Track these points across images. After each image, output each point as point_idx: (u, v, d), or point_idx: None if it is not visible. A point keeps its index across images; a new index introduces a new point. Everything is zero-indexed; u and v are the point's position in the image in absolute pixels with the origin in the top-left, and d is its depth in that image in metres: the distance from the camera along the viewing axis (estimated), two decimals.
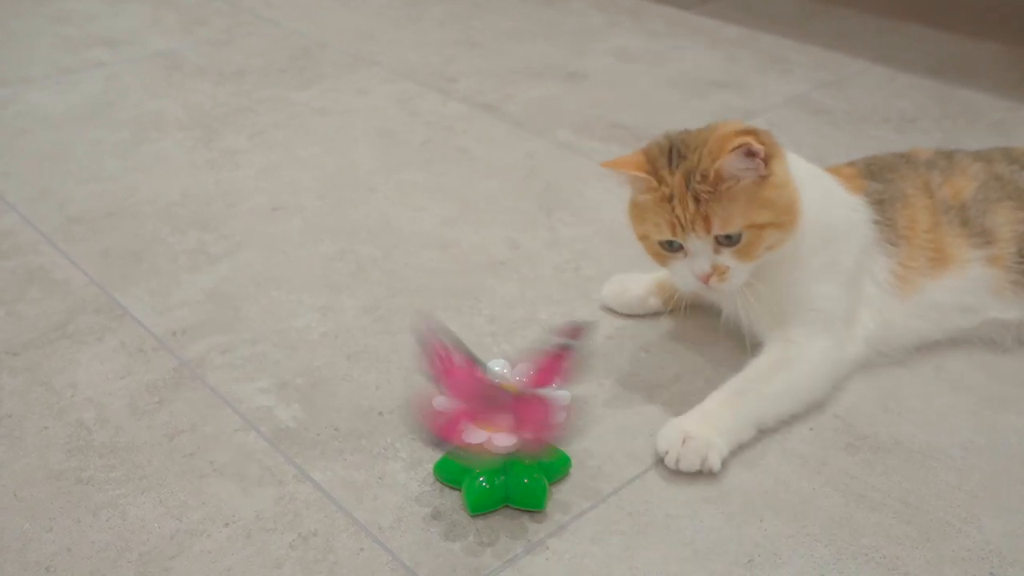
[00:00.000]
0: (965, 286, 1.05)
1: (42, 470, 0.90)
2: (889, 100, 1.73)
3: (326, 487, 0.89)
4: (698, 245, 0.95)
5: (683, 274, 0.97)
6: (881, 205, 1.05)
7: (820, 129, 1.61)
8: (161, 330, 1.10)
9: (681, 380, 1.03)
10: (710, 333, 1.09)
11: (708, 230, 0.93)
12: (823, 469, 0.92)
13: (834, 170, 1.09)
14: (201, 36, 2.01)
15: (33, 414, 0.97)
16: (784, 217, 0.94)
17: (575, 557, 0.82)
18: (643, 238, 1.00)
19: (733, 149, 0.90)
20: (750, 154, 0.91)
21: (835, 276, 1.01)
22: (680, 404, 0.99)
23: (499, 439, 0.82)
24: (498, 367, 0.90)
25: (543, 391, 0.84)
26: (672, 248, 0.97)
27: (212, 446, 0.93)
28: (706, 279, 0.95)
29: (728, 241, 0.94)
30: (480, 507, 0.85)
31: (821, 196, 1.01)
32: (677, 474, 0.90)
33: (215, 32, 2.03)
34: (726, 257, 0.95)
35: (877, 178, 1.07)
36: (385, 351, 1.07)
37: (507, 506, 0.86)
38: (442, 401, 0.83)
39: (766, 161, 0.92)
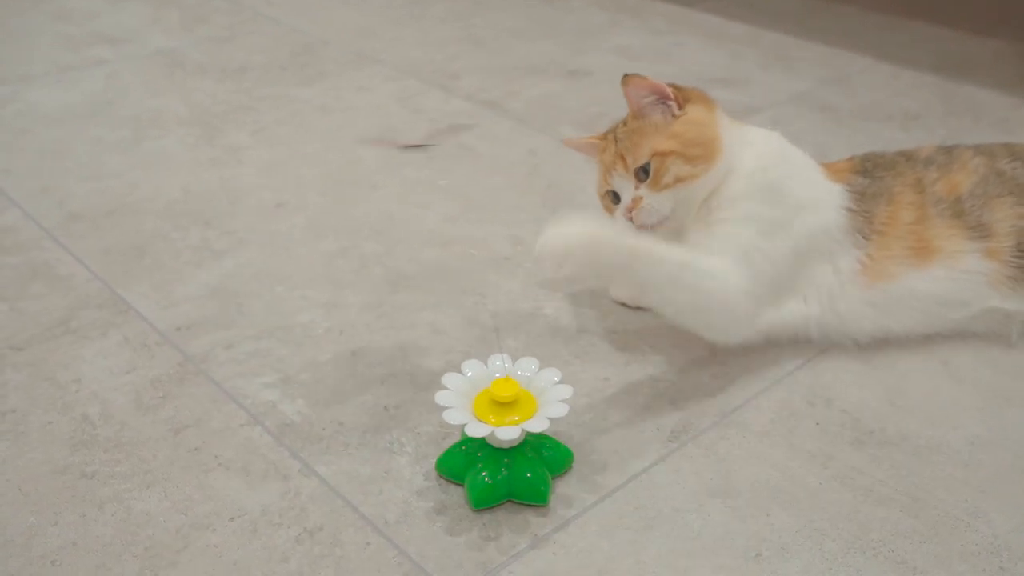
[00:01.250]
0: (955, 277, 1.04)
1: (47, 465, 0.90)
2: (893, 97, 1.73)
3: (331, 481, 0.88)
4: (622, 184, 1.05)
5: (618, 219, 1.05)
6: (861, 197, 1.06)
7: (824, 126, 1.61)
8: (165, 325, 1.09)
9: (685, 375, 1.03)
10: None
11: (626, 167, 1.04)
12: (830, 463, 0.91)
13: (830, 165, 1.10)
14: (202, 34, 2.01)
15: (37, 409, 0.96)
16: (692, 150, 1.02)
17: (581, 551, 0.82)
18: (599, 199, 1.11)
19: (635, 80, 1.04)
20: (659, 94, 1.04)
21: (778, 238, 1.01)
22: (685, 399, 0.99)
23: (502, 432, 0.81)
24: (499, 362, 0.90)
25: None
26: (615, 201, 1.07)
27: (217, 441, 0.93)
28: (628, 213, 1.03)
29: (644, 175, 1.03)
30: (483, 502, 0.85)
31: (778, 163, 1.05)
32: (683, 468, 0.90)
33: (216, 30, 2.03)
34: (642, 190, 1.03)
35: (868, 175, 1.08)
36: (390, 346, 1.07)
37: (510, 500, 0.86)
38: None
39: (679, 104, 1.04)
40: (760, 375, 1.03)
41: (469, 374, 0.89)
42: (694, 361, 1.05)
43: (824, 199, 1.04)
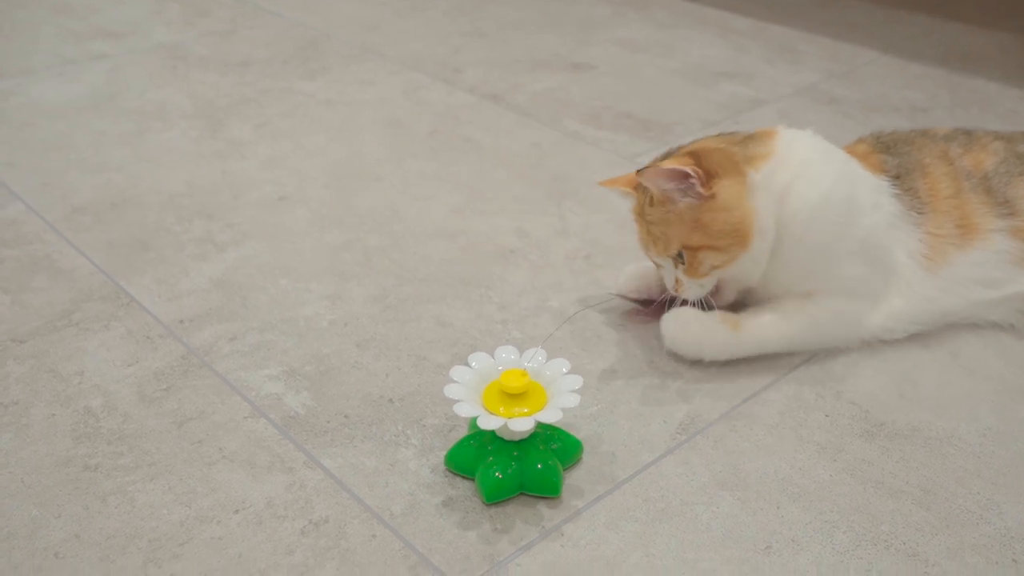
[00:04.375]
0: (990, 259, 1.04)
1: (50, 457, 0.89)
2: (900, 90, 1.72)
3: (337, 474, 0.88)
4: (661, 260, 1.01)
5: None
6: (899, 178, 1.05)
7: (831, 118, 1.60)
8: (168, 318, 1.09)
9: (694, 367, 1.02)
10: None
11: (658, 251, 1.00)
12: (839, 456, 0.90)
13: (848, 149, 1.08)
14: (204, 27, 2.00)
15: (40, 401, 0.96)
16: (722, 241, 0.96)
17: (591, 543, 0.81)
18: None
19: (649, 173, 0.95)
20: (681, 177, 0.94)
21: (859, 255, 1.00)
22: (693, 391, 0.98)
23: (516, 424, 0.81)
24: (505, 354, 0.89)
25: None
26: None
27: (221, 433, 0.92)
28: (674, 291, 1.02)
29: (681, 260, 0.98)
30: (495, 496, 0.84)
31: (837, 180, 1.00)
32: (692, 460, 0.89)
33: (218, 23, 2.02)
34: (680, 273, 1.00)
35: (891, 151, 1.07)
36: (395, 339, 1.06)
37: (522, 493, 0.85)
38: None
39: (707, 184, 0.95)
40: (769, 367, 1.02)
41: (476, 366, 0.88)
42: None
43: (877, 197, 1.02)
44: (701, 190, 0.95)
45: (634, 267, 1.12)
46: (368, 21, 2.05)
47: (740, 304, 1.06)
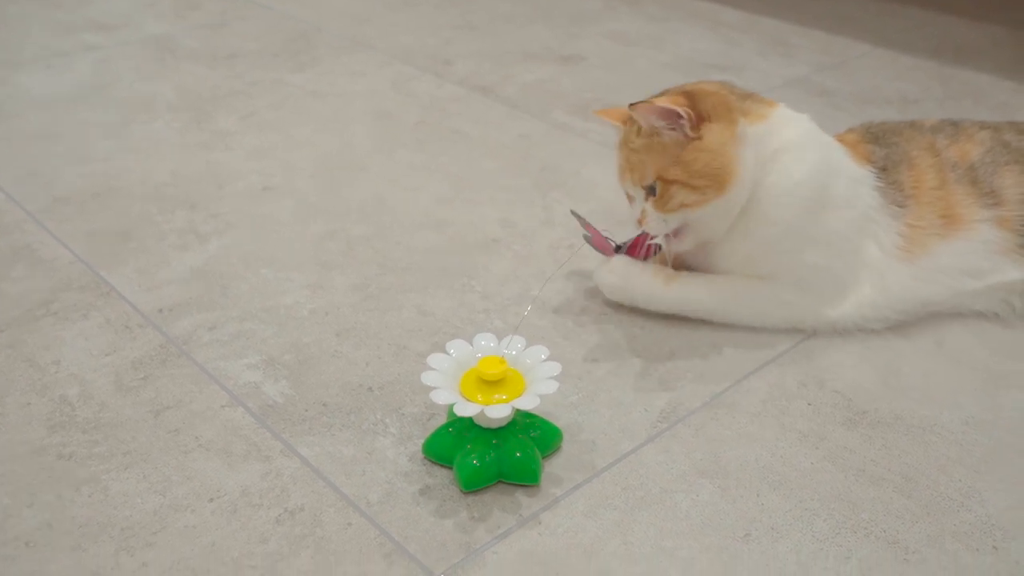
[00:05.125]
0: (975, 248, 1.03)
1: (23, 446, 0.88)
2: (891, 82, 1.71)
3: (313, 462, 0.87)
4: (633, 190, 1.02)
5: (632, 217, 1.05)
6: (886, 170, 1.04)
7: (822, 110, 1.59)
8: (148, 307, 1.08)
9: (676, 356, 1.01)
10: None
11: (633, 180, 1.01)
12: (821, 444, 0.90)
13: (838, 137, 1.08)
14: (195, 20, 1.99)
15: (15, 391, 0.95)
16: (699, 181, 0.96)
17: (568, 531, 0.80)
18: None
19: (641, 108, 0.96)
20: (673, 116, 0.95)
21: (828, 244, 1.00)
22: (675, 379, 0.98)
23: (492, 410, 0.80)
24: (483, 341, 0.88)
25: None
26: (630, 199, 1.05)
27: (198, 422, 0.91)
28: (638, 223, 1.03)
29: (652, 192, 0.99)
30: (473, 484, 0.83)
31: (818, 168, 1.00)
32: (672, 448, 0.89)
33: (209, 16, 2.01)
34: (649, 205, 1.00)
35: (880, 142, 1.06)
36: (375, 328, 1.05)
37: (500, 481, 0.84)
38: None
39: (696, 125, 0.96)
40: (752, 356, 1.01)
41: (454, 353, 0.88)
42: (684, 341, 1.03)
43: (859, 189, 1.02)
44: (689, 132, 0.96)
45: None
46: (359, 14, 2.04)
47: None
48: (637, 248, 1.08)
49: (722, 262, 1.04)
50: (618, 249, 1.09)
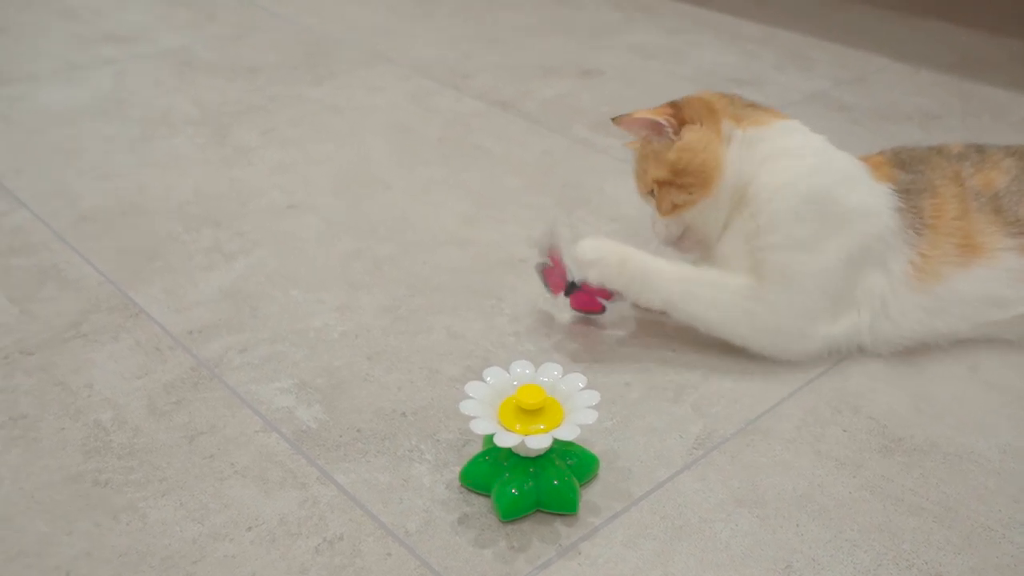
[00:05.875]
0: (998, 276, 1.03)
1: (60, 472, 0.88)
2: (911, 97, 1.71)
3: (350, 490, 0.87)
4: (643, 199, 1.09)
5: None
6: (908, 194, 1.03)
7: (842, 126, 1.59)
8: (177, 329, 1.08)
9: (709, 380, 1.01)
10: None
11: (639, 189, 1.09)
12: (858, 472, 0.89)
13: (864, 158, 1.08)
14: (211, 32, 1.99)
15: (49, 415, 0.95)
16: (684, 179, 1.02)
17: (608, 562, 0.80)
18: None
19: (624, 121, 1.04)
20: (651, 125, 1.03)
21: (823, 254, 0.99)
22: (708, 405, 0.97)
23: (533, 441, 0.80)
24: (520, 368, 0.88)
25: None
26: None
27: (232, 448, 0.91)
28: (652, 228, 1.08)
29: (653, 196, 1.06)
30: (512, 513, 0.83)
31: (814, 174, 1.01)
32: (709, 476, 0.88)
33: (225, 28, 2.01)
34: (652, 209, 1.07)
35: (907, 168, 1.06)
36: (406, 351, 1.05)
37: (538, 510, 0.84)
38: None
39: (675, 129, 1.02)
40: (784, 381, 1.01)
41: (491, 381, 0.87)
42: (716, 366, 1.03)
43: (874, 203, 1.01)
44: (672, 136, 1.03)
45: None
46: (376, 26, 2.04)
47: None
48: (580, 299, 1.08)
49: (723, 265, 1.04)
50: (571, 285, 1.06)
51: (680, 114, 1.03)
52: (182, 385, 0.99)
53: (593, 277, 1.01)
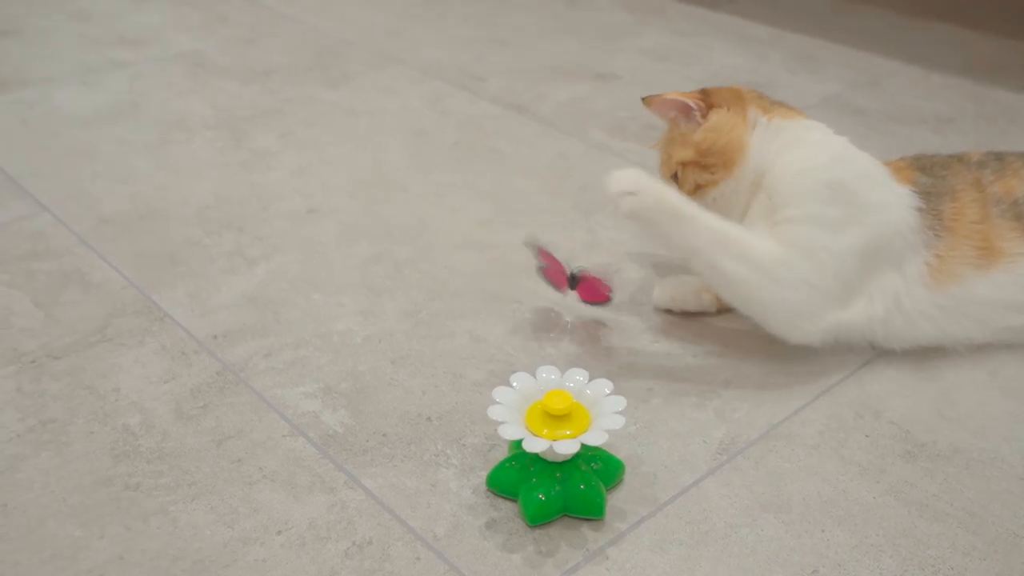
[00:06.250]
0: (1017, 281, 1.03)
1: (90, 476, 0.88)
2: (924, 101, 1.72)
3: (378, 494, 0.87)
4: (669, 181, 1.10)
5: None
6: (928, 196, 1.05)
7: (856, 130, 1.59)
8: (202, 333, 1.08)
9: (731, 386, 1.02)
10: (760, 339, 1.07)
11: (662, 173, 1.12)
12: (882, 478, 0.90)
13: (885, 162, 1.09)
14: (224, 35, 1.99)
15: (78, 419, 0.95)
16: (708, 159, 1.06)
17: (636, 567, 0.81)
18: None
19: (655, 101, 1.09)
20: (681, 107, 1.08)
21: (846, 238, 0.99)
22: (731, 410, 0.98)
23: (561, 446, 0.80)
24: (546, 374, 0.89)
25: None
26: None
27: (260, 452, 0.92)
28: None
29: (676, 179, 1.09)
30: (539, 518, 0.84)
31: (834, 163, 1.04)
32: (733, 481, 0.89)
33: (238, 31, 2.02)
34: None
35: (928, 173, 1.07)
36: (429, 356, 1.05)
37: (565, 515, 0.85)
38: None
39: (703, 112, 1.07)
40: (806, 386, 1.02)
41: (517, 386, 0.88)
42: (737, 372, 1.04)
43: (894, 201, 1.03)
44: (700, 119, 1.07)
45: (670, 278, 1.15)
46: (387, 28, 2.05)
47: None
48: (588, 289, 1.10)
49: None
50: (572, 278, 1.09)
51: (709, 99, 1.08)
52: (208, 389, 1.00)
53: (627, 206, 0.98)
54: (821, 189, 1.01)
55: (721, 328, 1.10)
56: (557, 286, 1.11)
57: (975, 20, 2.14)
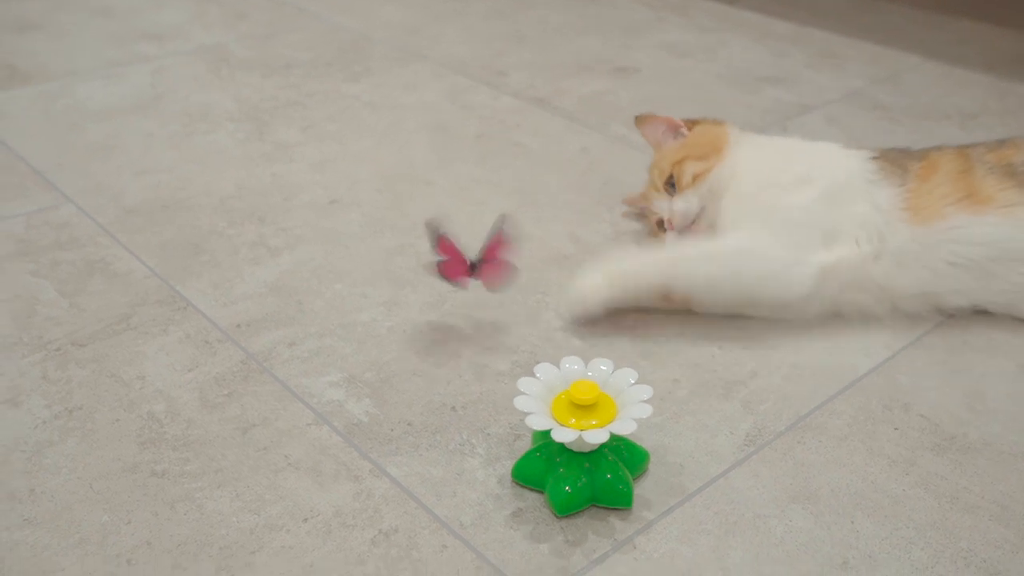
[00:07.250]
0: (1013, 223, 1.03)
1: (116, 463, 0.89)
2: (947, 96, 1.70)
3: (403, 483, 0.87)
4: (660, 206, 1.18)
5: (668, 238, 1.17)
6: (887, 154, 1.11)
7: (879, 125, 1.58)
8: (226, 323, 1.08)
9: (758, 376, 1.01)
10: (784, 330, 1.07)
11: (657, 189, 1.19)
12: (912, 470, 0.89)
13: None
14: (244, 30, 2.00)
15: (104, 406, 0.95)
16: (699, 149, 1.17)
17: (664, 556, 0.80)
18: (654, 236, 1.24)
19: (648, 121, 1.25)
20: (670, 127, 1.23)
21: (804, 191, 1.07)
22: (758, 402, 0.97)
23: (590, 435, 0.80)
24: (570, 364, 0.88)
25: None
26: (662, 227, 1.19)
27: (285, 440, 0.92)
28: (669, 225, 1.16)
29: (672, 188, 1.17)
30: (568, 509, 0.83)
31: (776, 142, 1.21)
32: (761, 473, 0.88)
33: (258, 26, 2.02)
34: (674, 199, 1.16)
35: (908, 155, 1.12)
36: (454, 346, 1.05)
37: (593, 505, 0.84)
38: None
39: (689, 128, 1.22)
40: (834, 378, 1.01)
41: (542, 377, 0.88)
42: (764, 364, 1.03)
43: (843, 158, 1.12)
44: (686, 133, 1.22)
45: None
46: (407, 23, 2.05)
47: None
48: (488, 271, 1.05)
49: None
50: (472, 267, 1.04)
51: (693, 122, 1.23)
52: (232, 378, 1.00)
53: (585, 315, 1.08)
54: (773, 155, 1.15)
55: (747, 319, 1.10)
56: (456, 280, 1.05)
57: (996, 15, 2.13)
